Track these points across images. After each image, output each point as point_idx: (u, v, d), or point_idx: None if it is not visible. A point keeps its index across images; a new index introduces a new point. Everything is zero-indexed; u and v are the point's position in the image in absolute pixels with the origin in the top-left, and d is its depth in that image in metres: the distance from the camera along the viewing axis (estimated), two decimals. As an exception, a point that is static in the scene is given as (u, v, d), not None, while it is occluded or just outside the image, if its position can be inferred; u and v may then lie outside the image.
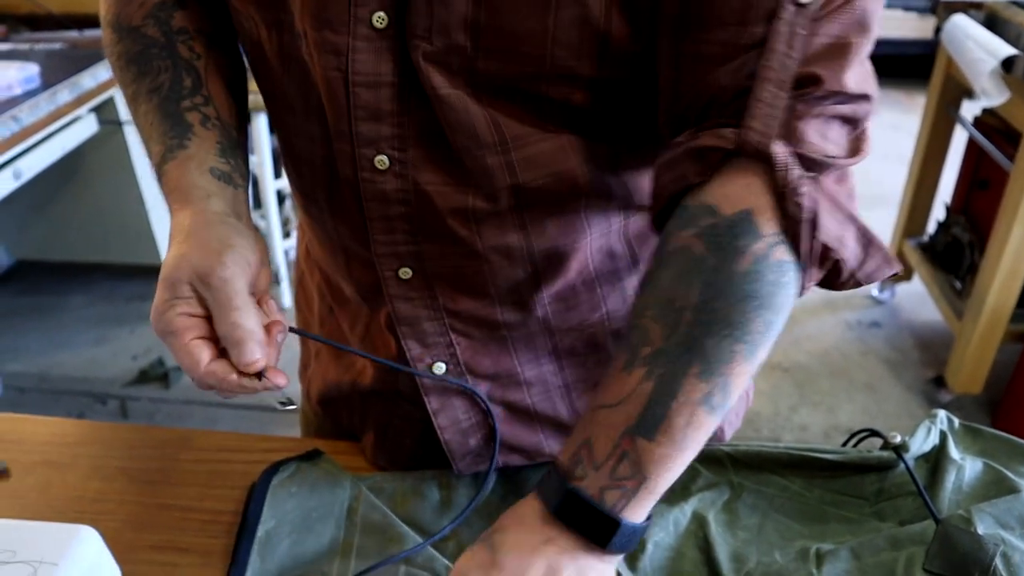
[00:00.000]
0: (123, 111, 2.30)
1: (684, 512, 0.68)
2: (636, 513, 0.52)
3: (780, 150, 0.50)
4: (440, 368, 0.68)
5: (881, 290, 2.79)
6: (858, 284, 0.55)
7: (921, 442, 0.71)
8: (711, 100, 0.53)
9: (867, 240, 0.54)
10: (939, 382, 2.30)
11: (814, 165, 0.50)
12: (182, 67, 0.64)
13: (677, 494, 0.70)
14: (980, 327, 2.10)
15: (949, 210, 2.46)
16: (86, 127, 2.20)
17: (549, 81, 0.55)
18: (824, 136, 0.51)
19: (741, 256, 0.51)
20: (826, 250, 0.52)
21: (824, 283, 0.55)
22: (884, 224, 2.86)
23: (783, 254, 0.51)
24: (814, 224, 0.51)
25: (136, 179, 2.43)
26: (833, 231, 0.52)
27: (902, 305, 2.77)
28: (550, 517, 0.53)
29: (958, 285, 2.31)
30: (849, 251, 0.53)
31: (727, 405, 0.53)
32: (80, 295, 2.84)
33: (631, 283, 0.71)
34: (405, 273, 0.64)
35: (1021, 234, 1.95)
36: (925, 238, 2.61)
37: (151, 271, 2.86)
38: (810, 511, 0.69)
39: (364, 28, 0.54)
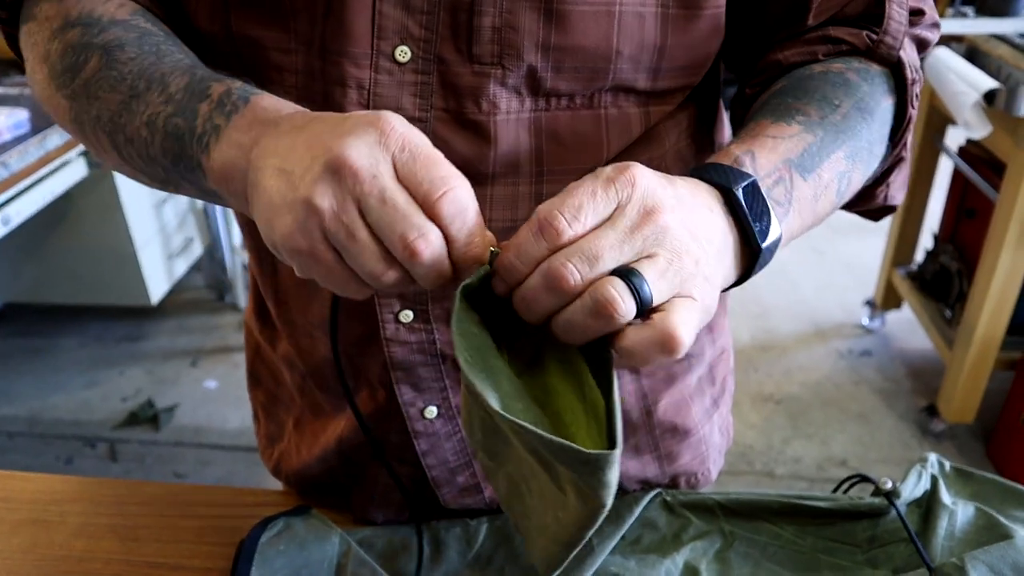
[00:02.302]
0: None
1: (676, 563, 0.68)
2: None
3: (905, 57, 0.60)
4: (432, 411, 0.68)
5: (872, 319, 2.80)
6: (886, 196, 0.66)
7: (912, 487, 0.71)
8: (833, 18, 0.61)
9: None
10: (932, 411, 2.30)
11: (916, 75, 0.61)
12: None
13: (668, 544, 0.70)
14: (971, 356, 2.10)
15: (937, 239, 2.48)
16: (75, 171, 2.20)
17: (608, 92, 0.59)
18: (914, 52, 0.62)
19: (887, 97, 0.60)
20: (902, 151, 0.63)
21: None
22: (873, 253, 2.88)
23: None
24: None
25: (125, 221, 2.43)
26: (908, 141, 0.62)
27: (893, 334, 2.78)
28: (715, 193, 0.47)
29: (948, 313, 2.32)
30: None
31: (843, 199, 0.58)
32: (70, 337, 2.83)
33: None
34: (406, 316, 0.64)
35: (1009, 262, 1.97)
36: (914, 267, 2.62)
37: (140, 313, 2.87)
38: (803, 559, 0.69)
39: (386, 62, 0.55)
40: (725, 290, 0.49)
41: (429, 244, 0.41)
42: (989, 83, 1.84)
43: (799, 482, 2.16)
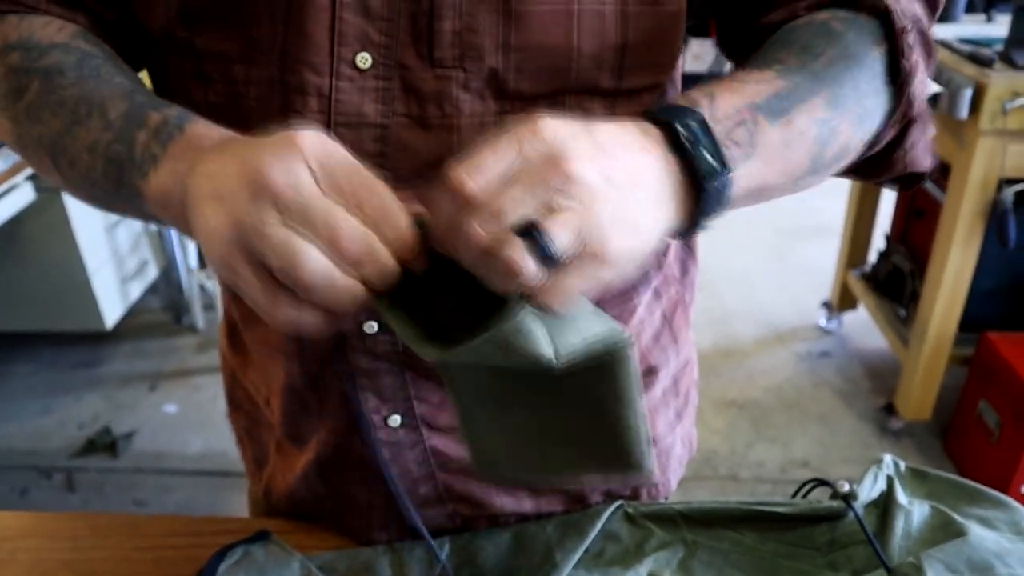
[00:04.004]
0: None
1: (639, 574, 0.68)
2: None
3: (894, 4, 0.57)
4: (395, 420, 0.68)
5: (829, 320, 2.84)
6: (909, 161, 0.61)
7: (869, 489, 0.72)
8: None
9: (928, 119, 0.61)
10: (889, 410, 2.34)
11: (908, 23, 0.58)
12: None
13: (632, 555, 0.70)
14: (925, 353, 2.14)
15: (889, 240, 2.53)
16: (22, 196, 2.16)
17: (572, 94, 0.58)
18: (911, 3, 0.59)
19: (876, 46, 0.56)
20: (908, 113, 0.58)
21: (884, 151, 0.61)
22: (829, 255, 2.92)
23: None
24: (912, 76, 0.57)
25: (77, 245, 2.39)
26: (919, 93, 0.58)
27: (850, 334, 2.82)
28: (653, 132, 0.45)
29: (902, 313, 2.37)
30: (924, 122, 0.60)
31: (828, 153, 0.54)
32: (23, 364, 2.76)
33: None
34: (370, 327, 0.64)
35: (958, 261, 2.01)
36: (868, 268, 2.67)
37: (95, 337, 2.82)
38: (765, 565, 0.70)
39: (347, 69, 0.55)
40: (682, 236, 0.48)
41: (354, 238, 0.41)
42: (931, 87, 1.89)
43: (763, 485, 2.19)
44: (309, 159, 0.41)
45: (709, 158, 0.45)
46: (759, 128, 0.49)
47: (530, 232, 0.39)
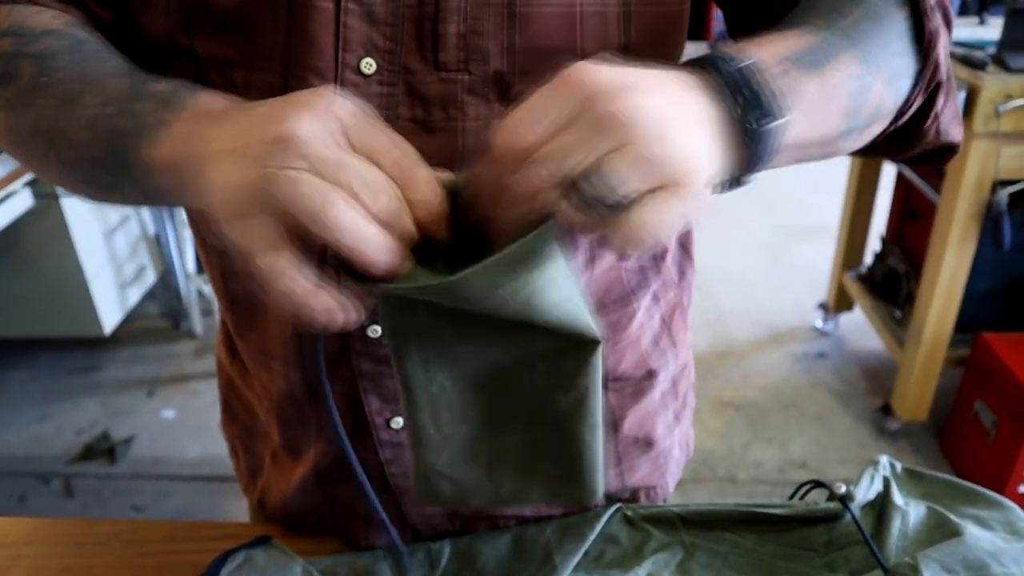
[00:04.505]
0: (59, 183, 2.26)
1: (639, 576, 0.69)
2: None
3: None
4: (398, 422, 0.68)
5: (825, 321, 2.85)
6: (938, 131, 0.61)
7: (866, 490, 0.72)
8: None
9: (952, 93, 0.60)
10: (886, 410, 2.35)
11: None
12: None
13: (631, 558, 0.71)
14: (921, 355, 2.15)
15: (884, 241, 2.53)
16: (21, 202, 2.16)
17: None
18: None
19: (899, 9, 0.55)
20: (934, 78, 0.57)
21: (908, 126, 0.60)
22: (824, 255, 2.93)
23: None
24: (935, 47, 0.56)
25: (75, 251, 2.39)
26: (944, 58, 0.57)
27: (846, 335, 2.83)
28: (698, 78, 0.43)
29: (898, 314, 2.37)
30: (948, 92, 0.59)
31: (863, 112, 0.52)
32: (21, 371, 2.76)
33: None
34: (373, 331, 0.64)
35: (953, 262, 2.02)
36: (863, 269, 2.67)
37: (93, 343, 2.81)
38: (763, 566, 0.70)
39: (351, 74, 0.55)
40: (727, 188, 0.45)
41: (390, 196, 0.40)
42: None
43: (761, 486, 2.19)
44: (339, 115, 0.40)
45: (761, 101, 0.43)
46: (798, 79, 0.47)
47: (588, 176, 0.38)
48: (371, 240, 0.39)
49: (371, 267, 0.40)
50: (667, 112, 0.39)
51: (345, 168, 0.39)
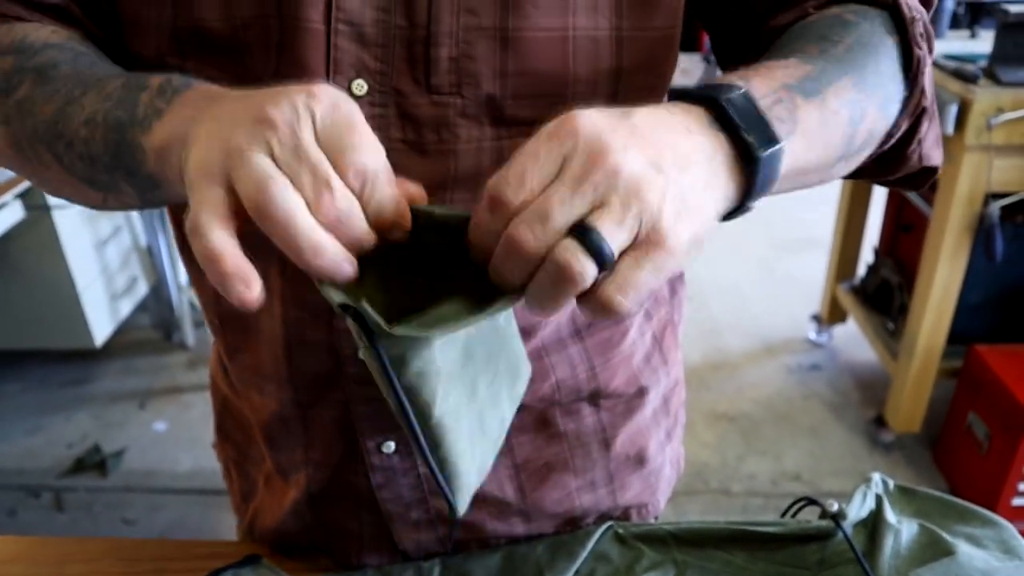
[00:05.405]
0: (50, 196, 2.26)
1: (631, 596, 0.68)
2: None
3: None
4: (389, 446, 0.68)
5: (819, 333, 2.86)
6: (920, 156, 0.61)
7: (858, 508, 0.72)
8: None
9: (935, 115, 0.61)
10: (880, 422, 2.35)
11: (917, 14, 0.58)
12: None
13: (621, 575, 0.70)
14: (914, 366, 2.15)
15: (877, 253, 2.54)
16: (12, 214, 2.16)
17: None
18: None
19: (889, 35, 0.56)
20: (920, 103, 0.58)
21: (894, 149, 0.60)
22: (817, 267, 2.94)
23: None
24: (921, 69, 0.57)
25: (66, 263, 2.38)
26: (929, 84, 0.58)
27: (840, 347, 2.83)
28: (695, 110, 0.44)
29: (891, 326, 2.38)
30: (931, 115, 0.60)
31: (859, 137, 0.53)
32: (11, 383, 2.75)
33: (575, 350, 0.71)
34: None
35: (945, 274, 2.02)
36: (857, 281, 2.68)
37: (85, 355, 2.80)
38: (755, 585, 0.70)
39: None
40: (731, 216, 0.46)
41: (335, 196, 0.39)
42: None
43: (755, 499, 2.19)
44: (315, 108, 0.40)
45: (759, 130, 0.44)
46: (797, 106, 0.47)
47: (581, 232, 0.38)
48: (303, 236, 0.38)
49: (302, 265, 0.39)
50: (664, 162, 0.39)
51: (302, 161, 0.39)
